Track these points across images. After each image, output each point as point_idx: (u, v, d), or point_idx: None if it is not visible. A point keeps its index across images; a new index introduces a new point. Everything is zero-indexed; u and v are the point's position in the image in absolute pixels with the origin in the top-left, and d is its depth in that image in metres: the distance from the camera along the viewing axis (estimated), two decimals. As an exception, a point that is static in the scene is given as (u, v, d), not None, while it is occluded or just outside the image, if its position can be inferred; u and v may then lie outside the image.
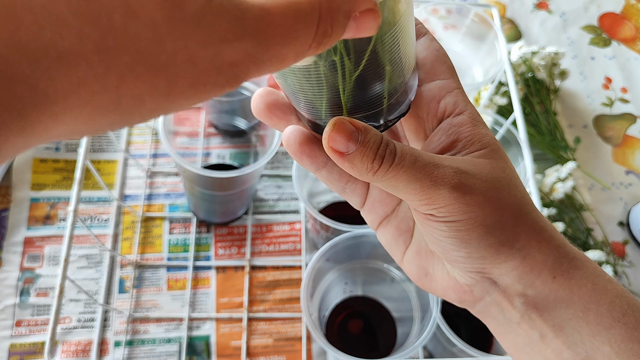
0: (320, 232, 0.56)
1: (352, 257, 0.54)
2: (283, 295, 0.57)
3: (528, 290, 0.23)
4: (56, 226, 0.58)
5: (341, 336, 0.53)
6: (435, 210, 0.21)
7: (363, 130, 0.20)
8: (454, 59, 0.26)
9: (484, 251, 0.22)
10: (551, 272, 0.22)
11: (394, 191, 0.22)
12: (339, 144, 0.20)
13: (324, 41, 0.17)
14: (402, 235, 0.27)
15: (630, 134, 0.73)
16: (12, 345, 0.52)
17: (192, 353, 0.53)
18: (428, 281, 0.26)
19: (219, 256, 0.58)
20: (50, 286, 0.55)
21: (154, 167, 0.63)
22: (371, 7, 0.18)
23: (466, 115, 0.23)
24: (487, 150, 0.23)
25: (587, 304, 0.22)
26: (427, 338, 0.43)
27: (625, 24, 0.83)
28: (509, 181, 0.23)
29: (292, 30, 0.16)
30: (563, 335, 0.22)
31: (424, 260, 0.26)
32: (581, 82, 0.77)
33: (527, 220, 0.22)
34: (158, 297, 0.55)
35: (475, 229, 0.21)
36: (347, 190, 0.26)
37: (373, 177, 0.21)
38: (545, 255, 0.22)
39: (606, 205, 0.66)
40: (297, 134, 0.24)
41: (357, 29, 0.18)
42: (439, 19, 0.69)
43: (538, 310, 0.23)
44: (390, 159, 0.20)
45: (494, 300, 0.24)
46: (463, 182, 0.21)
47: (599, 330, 0.22)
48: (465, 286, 0.24)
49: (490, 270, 0.23)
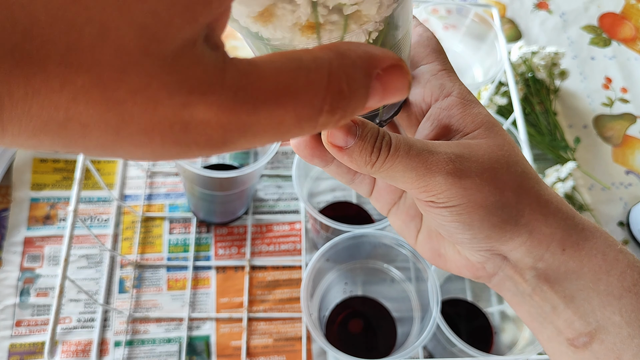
0: (320, 232, 0.56)
1: (352, 257, 0.54)
2: (283, 295, 0.57)
3: (538, 264, 0.23)
4: (56, 226, 0.58)
5: (341, 336, 0.53)
6: (434, 197, 0.22)
7: (361, 124, 0.21)
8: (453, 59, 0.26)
9: (488, 231, 0.22)
10: (560, 245, 0.23)
11: (392, 181, 0.22)
12: (338, 139, 0.21)
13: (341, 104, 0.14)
14: (413, 220, 0.27)
15: (630, 134, 0.73)
16: (12, 345, 0.52)
17: (192, 353, 0.53)
18: (442, 261, 0.27)
19: (219, 256, 0.58)
20: (50, 286, 0.55)
21: (154, 167, 0.63)
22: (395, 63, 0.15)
23: (454, 97, 0.23)
24: (481, 130, 0.23)
25: (597, 275, 0.22)
26: (427, 338, 0.43)
27: (625, 24, 0.83)
28: (508, 158, 0.22)
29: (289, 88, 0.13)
30: (574, 306, 0.23)
31: (435, 243, 0.27)
32: (581, 82, 0.77)
33: (529, 195, 0.22)
34: (158, 297, 0.55)
35: (476, 211, 0.22)
36: (356, 181, 0.27)
37: (371, 170, 0.21)
38: (552, 228, 0.22)
39: (606, 205, 0.66)
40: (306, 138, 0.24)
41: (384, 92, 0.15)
42: (439, 19, 0.69)
43: (549, 282, 0.23)
44: (385, 150, 0.21)
45: (506, 275, 0.24)
46: (458, 167, 0.21)
47: (609, 300, 0.22)
48: (477, 264, 0.25)
49: (499, 248, 0.23)
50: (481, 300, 0.57)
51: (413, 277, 0.53)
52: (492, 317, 0.56)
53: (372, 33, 0.19)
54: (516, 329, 0.54)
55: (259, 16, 0.17)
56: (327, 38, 0.18)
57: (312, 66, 0.14)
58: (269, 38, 0.18)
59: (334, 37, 0.18)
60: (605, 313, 0.22)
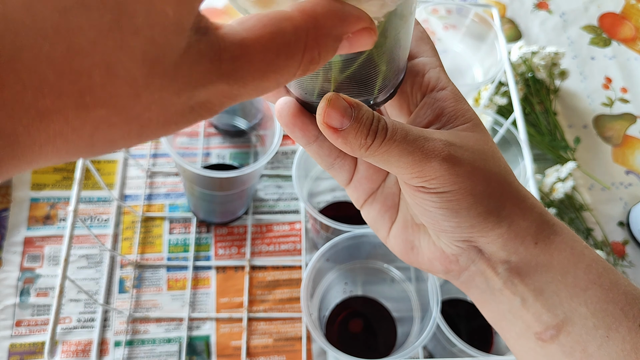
0: (320, 232, 0.56)
1: (352, 257, 0.54)
2: (283, 295, 0.57)
3: (512, 257, 0.24)
4: (56, 226, 0.58)
5: (341, 336, 0.53)
6: (426, 182, 0.22)
7: (356, 106, 0.21)
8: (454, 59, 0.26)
9: (473, 220, 0.23)
10: (533, 238, 0.23)
11: (385, 165, 0.22)
12: (333, 120, 0.21)
13: (310, 67, 0.17)
14: (388, 211, 0.28)
15: (630, 134, 0.73)
16: (12, 345, 0.52)
17: (192, 353, 0.53)
18: (414, 255, 0.27)
19: (219, 256, 0.58)
20: (50, 286, 0.55)
21: (154, 167, 0.63)
22: (366, 26, 0.17)
23: (449, 91, 0.24)
24: (470, 125, 0.24)
25: (565, 267, 0.23)
26: (427, 338, 0.43)
27: (625, 24, 0.84)
28: (493, 153, 0.24)
29: (273, 64, 0.15)
30: (543, 299, 0.23)
31: (410, 234, 0.27)
32: (581, 82, 0.77)
33: (511, 189, 0.23)
34: (158, 297, 0.55)
35: (465, 198, 0.22)
36: (335, 166, 0.27)
37: (366, 153, 0.21)
38: (528, 222, 0.23)
39: (606, 205, 0.66)
40: (290, 104, 0.24)
41: (350, 47, 0.18)
42: (439, 19, 0.69)
43: (520, 276, 0.24)
44: (382, 134, 0.21)
45: (478, 270, 0.25)
46: (452, 154, 0.22)
47: (576, 292, 0.23)
48: (451, 256, 0.25)
49: (477, 239, 0.24)
50: (481, 300, 0.57)
51: (413, 277, 0.53)
52: (492, 317, 0.55)
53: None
54: (516, 329, 0.54)
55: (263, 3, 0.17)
56: None
57: (292, 40, 0.16)
58: None
59: None
60: (572, 304, 0.23)
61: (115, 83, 0.13)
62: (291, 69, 0.16)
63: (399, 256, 0.28)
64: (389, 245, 0.28)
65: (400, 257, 0.28)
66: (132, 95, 0.13)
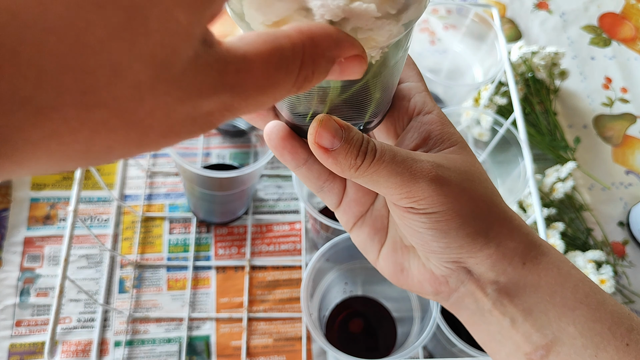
0: (320, 232, 0.56)
1: (352, 257, 0.54)
2: (283, 295, 0.57)
3: (500, 277, 0.24)
4: (56, 226, 0.58)
5: (341, 336, 0.53)
6: (415, 203, 0.22)
7: (346, 128, 0.21)
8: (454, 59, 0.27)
9: (462, 240, 0.23)
10: (521, 259, 0.24)
11: (374, 186, 0.22)
12: (324, 140, 0.21)
13: (304, 85, 0.17)
14: (378, 233, 0.28)
15: (630, 134, 0.73)
16: (12, 345, 0.52)
17: (192, 353, 0.53)
18: (404, 277, 0.27)
19: (219, 256, 0.58)
20: (50, 286, 0.55)
21: (154, 167, 0.63)
22: (358, 54, 0.18)
23: (435, 115, 0.25)
24: (456, 147, 0.24)
25: (553, 287, 0.23)
26: (427, 338, 0.43)
27: (625, 24, 0.84)
28: (480, 175, 0.24)
29: (272, 78, 0.16)
30: (532, 319, 0.23)
31: (399, 256, 0.27)
32: (581, 82, 0.77)
33: (498, 210, 0.24)
34: (158, 297, 0.55)
35: (453, 219, 0.22)
36: (324, 189, 0.27)
37: (355, 173, 0.22)
38: (516, 243, 0.24)
39: (606, 205, 0.66)
40: (279, 128, 0.24)
41: (340, 73, 0.18)
42: (439, 19, 0.69)
43: (509, 296, 0.24)
44: (371, 155, 0.21)
45: (467, 291, 0.25)
46: (440, 175, 0.22)
47: (564, 311, 0.23)
48: (441, 277, 0.25)
49: (466, 260, 0.24)
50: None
51: (413, 277, 0.53)
52: (492, 317, 0.55)
53: (374, 57, 0.20)
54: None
55: (273, 25, 0.18)
56: None
57: (290, 56, 0.16)
58: None
59: None
60: (561, 324, 0.23)
61: (120, 84, 0.12)
62: (287, 85, 0.16)
63: (389, 278, 0.28)
64: (379, 268, 0.28)
65: (390, 279, 0.28)
66: (136, 99, 0.13)
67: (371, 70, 0.20)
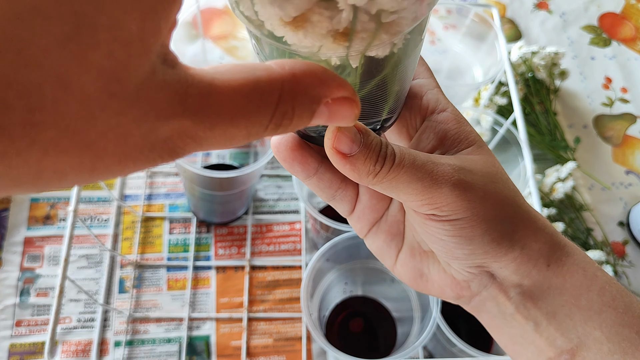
0: (320, 232, 0.56)
1: (352, 257, 0.54)
2: (283, 295, 0.57)
3: (524, 281, 0.23)
4: (56, 226, 0.58)
5: (341, 336, 0.53)
6: (437, 210, 0.21)
7: (364, 132, 0.20)
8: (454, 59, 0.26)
9: (487, 246, 0.22)
10: (546, 260, 0.23)
11: (393, 193, 0.21)
12: (343, 145, 0.20)
13: (284, 122, 0.16)
14: (394, 239, 0.27)
15: (630, 134, 0.73)
16: (12, 345, 0.52)
17: (192, 353, 0.53)
18: (424, 282, 0.26)
19: (219, 256, 0.58)
20: (50, 286, 0.55)
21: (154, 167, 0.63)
22: (348, 96, 0.17)
23: (450, 112, 0.23)
24: (475, 147, 0.23)
25: (578, 290, 0.22)
26: (427, 338, 0.43)
27: (625, 24, 0.83)
28: (501, 175, 0.23)
29: (243, 109, 0.15)
30: (556, 322, 0.23)
31: (418, 262, 0.26)
32: (581, 82, 0.77)
33: (522, 211, 0.23)
34: (158, 297, 0.55)
35: (479, 225, 0.21)
36: (337, 197, 0.26)
37: (374, 180, 0.21)
38: (540, 244, 0.23)
39: (606, 205, 0.66)
40: (287, 138, 0.23)
41: (329, 117, 0.17)
42: (439, 19, 0.69)
43: (532, 300, 0.23)
44: (390, 160, 0.20)
45: (490, 295, 0.24)
46: (463, 179, 0.21)
47: (590, 315, 0.22)
48: (463, 282, 0.24)
49: (490, 264, 0.23)
50: (481, 300, 0.57)
51: (413, 277, 0.53)
52: (492, 317, 0.55)
53: (397, 44, 0.18)
54: (516, 329, 0.54)
55: (292, 21, 0.16)
56: (356, 47, 0.17)
57: (267, 88, 0.15)
58: (294, 44, 0.17)
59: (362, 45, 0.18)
60: (587, 328, 0.22)
61: (68, 99, 0.11)
62: (263, 120, 0.15)
63: (408, 284, 0.27)
64: (396, 274, 0.27)
65: (409, 284, 0.27)
66: (87, 117, 0.12)
67: (391, 60, 0.19)
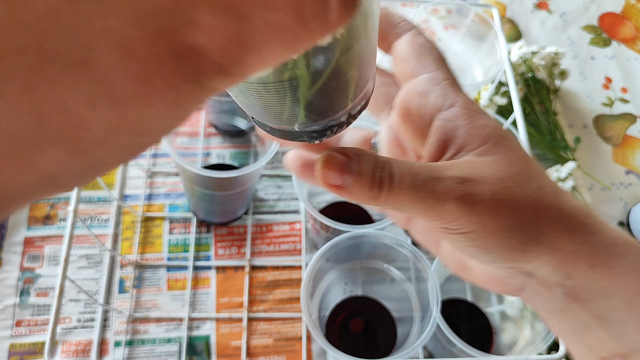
0: (320, 232, 0.56)
1: (352, 257, 0.54)
2: (283, 295, 0.57)
3: (567, 281, 0.21)
4: (56, 226, 0.58)
5: (341, 336, 0.53)
6: (447, 224, 0.20)
7: (355, 157, 0.19)
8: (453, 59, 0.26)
9: (508, 254, 0.21)
10: (589, 262, 0.21)
11: (401, 212, 0.21)
12: (333, 180, 0.19)
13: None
14: (432, 233, 0.26)
15: (630, 134, 0.73)
16: (12, 345, 0.52)
17: (192, 353, 0.53)
18: (469, 274, 0.25)
19: (219, 256, 0.58)
20: (50, 286, 0.55)
21: (154, 167, 0.63)
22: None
23: (458, 107, 0.22)
24: (489, 145, 0.21)
25: (631, 295, 0.21)
26: (427, 338, 0.43)
27: (625, 24, 0.83)
28: (520, 175, 0.21)
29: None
30: (607, 326, 0.21)
31: (458, 256, 0.25)
32: (581, 82, 0.77)
33: (550, 212, 0.21)
34: (158, 297, 0.55)
35: (492, 235, 0.20)
36: None
37: (376, 203, 0.20)
38: (578, 246, 0.21)
39: (606, 205, 0.66)
40: (295, 158, 0.23)
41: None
42: (439, 19, 0.69)
43: (579, 301, 0.22)
44: (388, 182, 0.19)
45: (535, 291, 0.23)
46: (468, 192, 0.20)
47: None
48: (502, 279, 0.24)
49: (523, 266, 0.22)
50: (481, 300, 0.57)
51: (413, 277, 0.53)
52: (492, 317, 0.56)
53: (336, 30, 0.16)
54: (516, 329, 0.54)
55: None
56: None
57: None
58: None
59: None
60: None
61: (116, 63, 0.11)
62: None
63: (458, 275, 0.26)
64: (444, 264, 0.27)
65: (459, 275, 0.26)
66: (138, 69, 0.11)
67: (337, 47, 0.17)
